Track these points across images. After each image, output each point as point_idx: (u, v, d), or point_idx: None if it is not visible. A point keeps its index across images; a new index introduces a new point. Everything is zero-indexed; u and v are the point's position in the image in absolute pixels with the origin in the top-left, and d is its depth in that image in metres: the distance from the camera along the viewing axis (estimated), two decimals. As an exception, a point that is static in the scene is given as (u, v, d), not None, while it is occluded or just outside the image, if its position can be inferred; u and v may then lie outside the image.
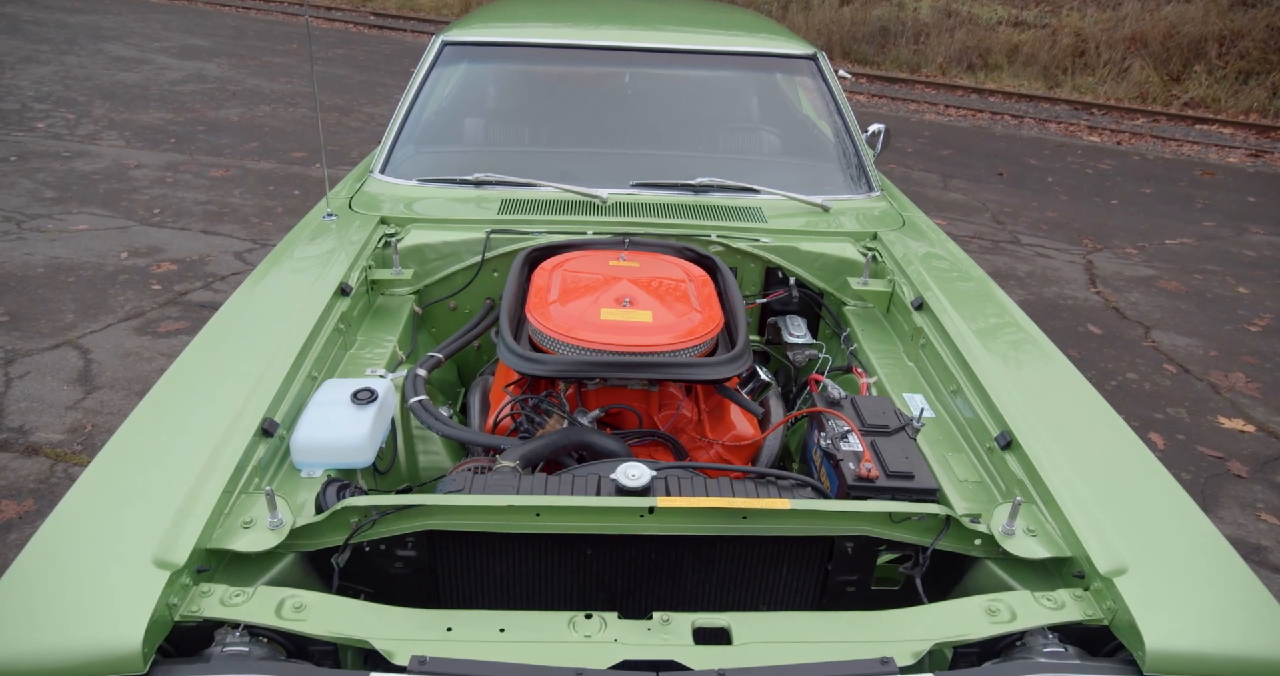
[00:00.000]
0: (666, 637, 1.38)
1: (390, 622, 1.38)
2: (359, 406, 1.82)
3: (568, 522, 1.54)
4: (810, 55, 3.11)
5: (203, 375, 1.82)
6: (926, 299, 2.30)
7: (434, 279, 2.56)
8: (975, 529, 1.58)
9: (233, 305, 2.11)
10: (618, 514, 1.53)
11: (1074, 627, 1.44)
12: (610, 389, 2.11)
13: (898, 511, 1.55)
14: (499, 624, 1.40)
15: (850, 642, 1.39)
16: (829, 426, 1.85)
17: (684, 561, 1.63)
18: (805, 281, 2.61)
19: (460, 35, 3.06)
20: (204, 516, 1.45)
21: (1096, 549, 1.48)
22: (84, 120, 8.52)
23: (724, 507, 1.53)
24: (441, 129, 3.09)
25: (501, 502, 1.51)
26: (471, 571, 1.63)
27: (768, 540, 1.61)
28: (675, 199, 2.74)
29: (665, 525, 1.55)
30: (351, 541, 1.53)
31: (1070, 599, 1.45)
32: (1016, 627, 1.40)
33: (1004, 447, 1.78)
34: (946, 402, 2.07)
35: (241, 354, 1.90)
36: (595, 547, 1.60)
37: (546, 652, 1.34)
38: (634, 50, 3.01)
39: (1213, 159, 8.91)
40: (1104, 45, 13.44)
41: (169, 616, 1.32)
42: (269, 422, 1.70)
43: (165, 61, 11.85)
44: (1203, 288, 5.43)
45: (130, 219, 5.94)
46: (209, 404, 1.72)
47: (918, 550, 1.63)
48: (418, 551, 1.59)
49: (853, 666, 1.33)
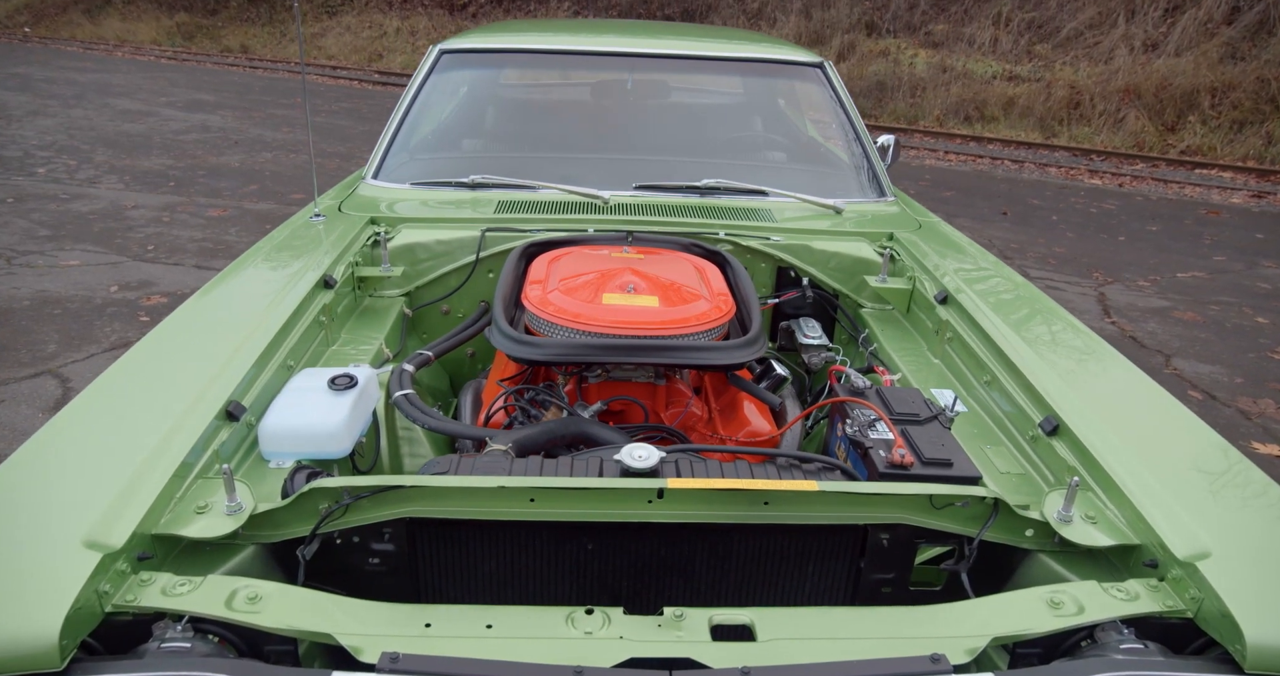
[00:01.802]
0: (680, 634, 1.19)
1: (359, 617, 1.19)
2: (337, 392, 1.65)
3: (566, 509, 1.36)
4: (817, 63, 3.03)
5: (164, 357, 1.66)
6: (951, 292, 2.15)
7: (425, 280, 2.42)
8: (1027, 516, 1.39)
9: (203, 294, 1.95)
10: (623, 498, 1.35)
11: (1152, 621, 1.24)
12: (613, 383, 1.94)
13: (940, 493, 1.37)
14: (486, 619, 1.21)
15: (893, 639, 1.20)
16: (855, 415, 1.68)
17: (697, 556, 1.44)
18: (819, 282, 2.47)
19: (458, 43, 2.98)
20: (150, 497, 1.27)
21: (1170, 532, 1.30)
22: (85, 166, 8.51)
23: (743, 489, 1.35)
24: (437, 136, 2.98)
25: (491, 484, 1.33)
26: (457, 568, 1.44)
27: (792, 531, 1.42)
28: (680, 200, 2.61)
29: (676, 511, 1.37)
30: (320, 531, 1.34)
31: (1144, 590, 1.26)
32: (1085, 621, 1.21)
33: (1050, 434, 1.60)
34: (980, 397, 1.90)
35: (209, 338, 1.74)
36: (597, 540, 1.42)
37: (540, 650, 1.15)
38: (636, 55, 2.92)
39: (1215, 200, 8.88)
40: (1098, 97, 13.61)
41: (98, 606, 1.13)
42: (234, 405, 1.53)
43: (170, 113, 11.97)
44: (1220, 318, 5.29)
45: (123, 255, 5.84)
46: (167, 383, 1.56)
47: (962, 542, 1.44)
48: (396, 544, 1.40)
49: (899, 664, 1.14)
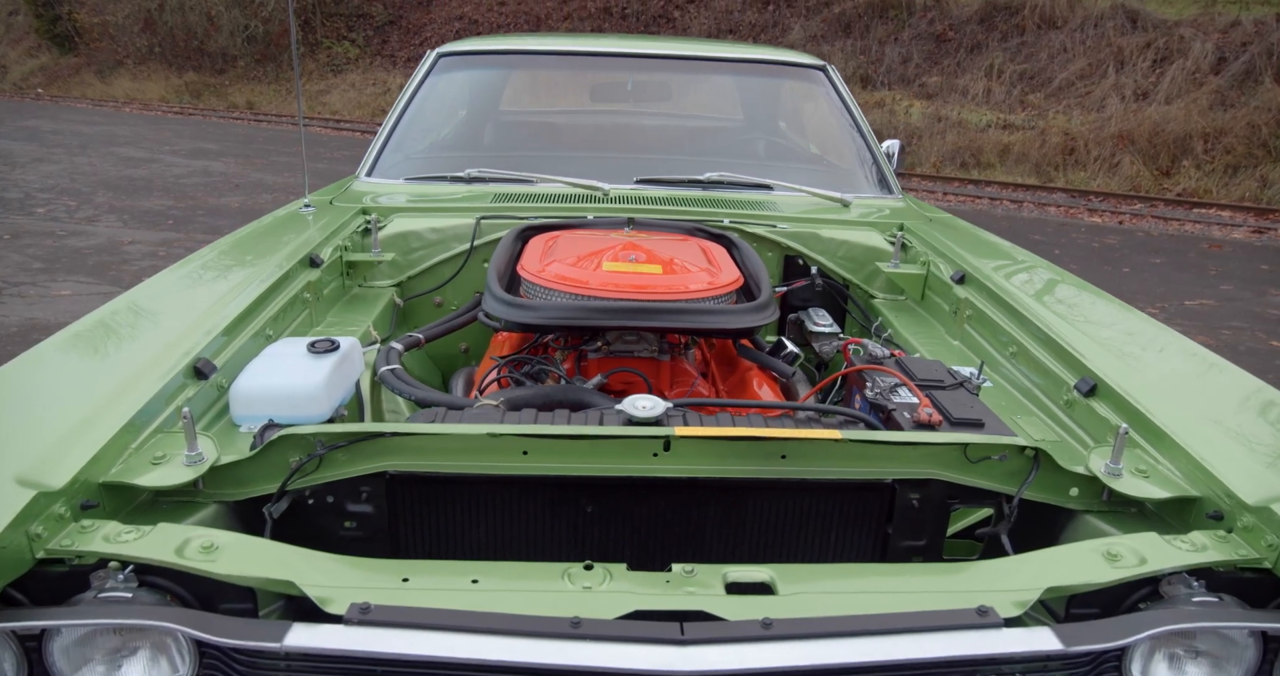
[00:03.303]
0: (691, 590, 1.05)
1: (327, 570, 1.06)
2: (316, 355, 1.53)
3: (563, 463, 1.23)
4: (820, 66, 2.98)
5: (132, 314, 1.55)
6: (969, 271, 2.04)
7: (417, 270, 2.32)
8: (1072, 471, 1.26)
9: (178, 267, 1.86)
10: (625, 450, 1.23)
11: (1223, 574, 1.11)
12: (614, 359, 1.82)
13: (975, 442, 1.24)
14: (471, 574, 1.07)
15: (932, 594, 1.06)
16: (875, 381, 1.56)
17: (707, 520, 1.30)
18: (828, 271, 2.37)
19: (456, 47, 2.95)
20: (99, 442, 1.14)
21: (1236, 478, 1.17)
22: (85, 206, 8.52)
23: (758, 439, 1.22)
24: (433, 136, 2.92)
25: (480, 431, 1.20)
26: (442, 535, 1.30)
27: (812, 490, 1.28)
28: (683, 193, 2.53)
29: (684, 466, 1.24)
30: (289, 486, 1.21)
31: (1211, 541, 1.12)
32: (1148, 571, 1.07)
33: (1087, 394, 1.48)
34: (1005, 373, 1.78)
35: (183, 302, 1.63)
36: (597, 502, 1.28)
37: (533, 604, 1.01)
38: (636, 56, 2.88)
39: (1216, 235, 8.88)
40: (1092, 143, 13.76)
41: (28, 550, 1.00)
42: (203, 362, 1.42)
43: (173, 160, 12.08)
44: (1234, 341, 5.19)
45: (116, 286, 5.75)
46: (133, 338, 1.44)
47: (1000, 503, 1.30)
48: (374, 506, 1.27)
49: (941, 617, 1.00)
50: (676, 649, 0.95)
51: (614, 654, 0.94)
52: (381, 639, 0.94)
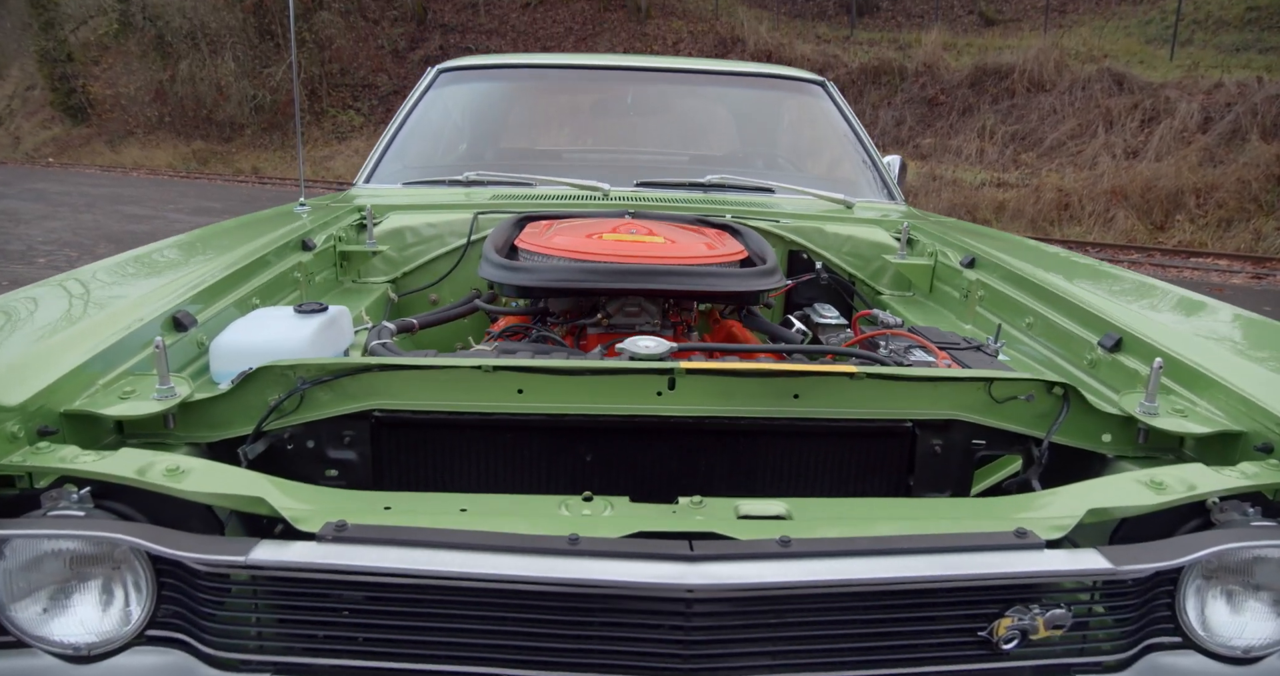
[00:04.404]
0: (700, 518, 0.96)
1: (302, 496, 0.97)
2: (302, 316, 1.47)
3: (560, 403, 1.15)
4: (820, 81, 3.00)
5: (113, 272, 1.49)
6: (979, 256, 1.99)
7: (413, 265, 2.26)
8: (1106, 410, 1.18)
9: (165, 243, 1.81)
10: (628, 389, 1.15)
11: (1277, 505, 1.02)
12: (615, 333, 1.75)
13: (1000, 378, 1.16)
14: (460, 504, 0.98)
15: (964, 519, 0.97)
16: (890, 345, 1.49)
17: (715, 469, 1.21)
18: (833, 266, 2.32)
19: (457, 63, 2.96)
20: (63, 368, 1.07)
21: None
22: (86, 256, 8.54)
23: (770, 373, 1.15)
24: (432, 147, 2.91)
25: (473, 363, 1.13)
26: (429, 484, 1.21)
27: (828, 434, 1.20)
28: (684, 196, 2.50)
29: (690, 406, 1.16)
30: (267, 427, 1.13)
31: (1262, 469, 1.04)
32: (1197, 494, 0.99)
33: (1113, 349, 1.41)
34: (1023, 348, 1.71)
35: (167, 265, 1.58)
36: (596, 449, 1.20)
37: (527, 529, 0.92)
38: (636, 69, 2.89)
39: (1216, 280, 8.88)
40: (1086, 199, 13.93)
41: None
42: (183, 313, 1.35)
43: (176, 217, 12.20)
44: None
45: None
46: (114, 288, 1.38)
47: (1029, 447, 1.22)
48: (357, 451, 1.18)
49: (977, 539, 0.91)
50: (686, 564, 0.86)
51: (617, 569, 0.85)
52: (359, 554, 0.85)
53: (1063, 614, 0.90)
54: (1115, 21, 19.38)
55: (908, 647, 0.90)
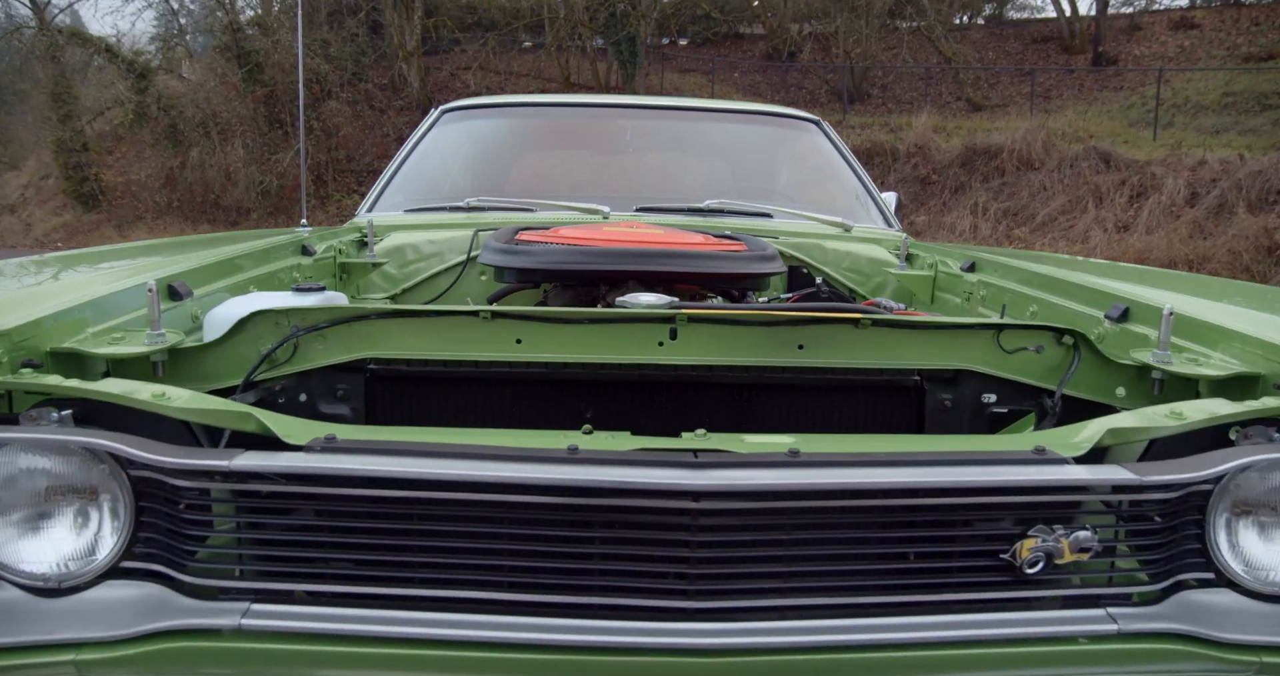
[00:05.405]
0: (705, 444, 0.93)
1: (291, 420, 0.94)
2: (300, 294, 1.46)
3: (559, 353, 1.13)
4: (814, 120, 3.08)
5: (110, 254, 1.49)
6: (979, 261, 2.00)
7: (413, 282, 2.27)
8: (1119, 362, 1.16)
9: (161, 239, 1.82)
10: (628, 339, 1.13)
11: None
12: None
13: (1010, 324, 1.14)
14: (457, 438, 0.95)
15: (981, 446, 0.94)
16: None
17: (717, 425, 1.17)
18: (834, 281, 2.32)
19: (460, 103, 3.05)
20: (50, 308, 1.05)
21: None
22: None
23: (773, 323, 1.13)
24: (434, 181, 2.96)
25: (472, 310, 1.11)
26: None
27: (833, 390, 1.17)
28: (683, 220, 2.52)
29: (692, 356, 1.14)
30: (258, 376, 1.11)
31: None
32: (1218, 418, 0.95)
33: (1120, 319, 1.39)
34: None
35: (169, 256, 1.58)
36: (595, 405, 1.17)
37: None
38: (635, 107, 2.97)
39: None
40: (1081, 271, 14.08)
41: None
42: (180, 283, 1.34)
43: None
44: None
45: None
46: (113, 260, 1.38)
47: (1041, 400, 1.19)
48: (350, 407, 1.15)
49: (994, 455, 0.88)
50: (692, 470, 0.82)
51: (619, 474, 0.81)
52: (349, 462, 0.81)
53: (1088, 536, 0.85)
54: (1098, 106, 20.08)
55: (927, 571, 0.85)
